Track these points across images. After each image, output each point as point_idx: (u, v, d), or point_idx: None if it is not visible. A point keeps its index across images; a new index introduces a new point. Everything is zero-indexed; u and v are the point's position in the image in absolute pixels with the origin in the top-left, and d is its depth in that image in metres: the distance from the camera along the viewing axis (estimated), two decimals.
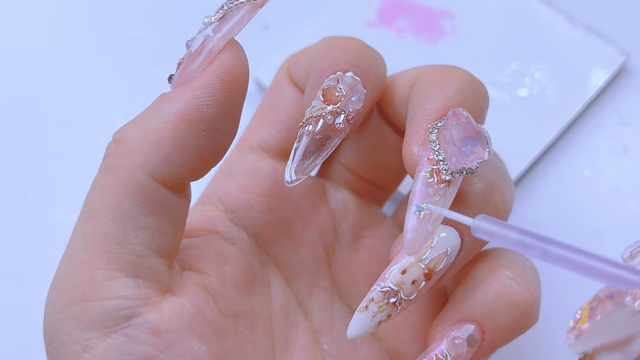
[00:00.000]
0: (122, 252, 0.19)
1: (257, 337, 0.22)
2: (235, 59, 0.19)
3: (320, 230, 0.25)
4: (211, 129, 0.19)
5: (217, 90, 0.19)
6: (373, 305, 0.20)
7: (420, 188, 0.20)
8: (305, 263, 0.25)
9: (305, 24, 0.36)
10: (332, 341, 0.24)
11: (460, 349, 0.21)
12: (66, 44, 0.37)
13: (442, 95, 0.21)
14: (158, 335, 0.19)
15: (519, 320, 0.21)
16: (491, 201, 0.21)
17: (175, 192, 0.20)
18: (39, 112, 0.36)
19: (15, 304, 0.32)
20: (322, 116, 0.21)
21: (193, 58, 0.19)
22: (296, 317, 0.24)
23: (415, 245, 0.20)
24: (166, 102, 0.19)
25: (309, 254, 0.25)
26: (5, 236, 0.33)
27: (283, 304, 0.24)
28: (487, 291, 0.21)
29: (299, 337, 0.24)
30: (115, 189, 0.19)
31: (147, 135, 0.19)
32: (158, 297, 0.19)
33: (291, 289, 0.24)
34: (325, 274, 0.25)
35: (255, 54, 0.37)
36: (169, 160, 0.19)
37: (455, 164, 0.19)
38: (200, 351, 0.20)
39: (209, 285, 0.21)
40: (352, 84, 0.21)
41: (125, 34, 0.37)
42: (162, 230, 0.20)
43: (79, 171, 0.20)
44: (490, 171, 0.22)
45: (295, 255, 0.24)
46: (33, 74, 0.36)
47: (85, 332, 0.18)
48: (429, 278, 0.20)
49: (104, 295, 0.18)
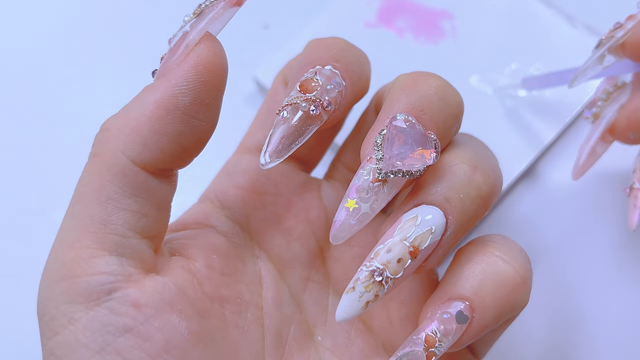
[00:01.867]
0: (106, 232, 0.20)
1: (245, 324, 0.23)
2: (210, 51, 0.20)
3: (312, 226, 0.26)
4: (187, 117, 0.20)
5: (192, 79, 0.20)
6: (360, 286, 0.21)
7: (355, 184, 0.21)
8: (299, 257, 0.25)
9: (305, 24, 0.36)
10: (326, 333, 0.25)
11: (449, 324, 0.21)
12: (70, 44, 0.37)
13: (406, 100, 0.22)
14: (138, 308, 0.20)
15: (507, 298, 0.22)
16: (473, 181, 0.21)
17: (157, 177, 0.21)
18: (39, 113, 0.36)
19: (15, 304, 0.32)
20: (298, 104, 0.21)
21: (172, 52, 0.21)
22: (290, 309, 0.25)
23: (340, 236, 0.21)
24: (146, 92, 0.21)
25: (302, 249, 0.25)
26: (5, 236, 0.33)
27: (276, 295, 0.24)
28: (475, 269, 0.22)
29: (292, 329, 0.24)
30: (99, 173, 0.20)
31: (127, 123, 0.20)
32: (140, 274, 0.21)
33: (285, 282, 0.25)
34: (319, 268, 0.26)
35: (255, 54, 0.37)
36: (148, 146, 0.20)
37: (390, 165, 0.20)
38: (180, 326, 0.20)
39: (194, 269, 0.22)
40: (330, 75, 0.22)
41: (129, 35, 0.37)
42: (144, 212, 0.21)
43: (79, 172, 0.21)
44: (473, 154, 0.23)
45: (289, 249, 0.25)
46: (33, 74, 0.36)
47: (71, 306, 0.20)
48: (415, 256, 0.21)
49: (88, 272, 0.20)
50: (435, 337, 0.21)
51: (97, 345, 0.19)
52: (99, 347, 0.19)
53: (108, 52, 0.37)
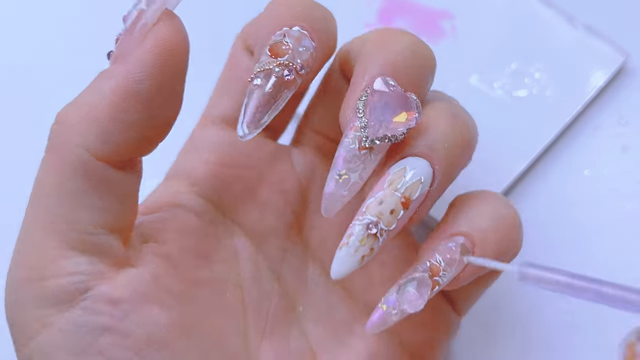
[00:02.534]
0: (72, 231, 0.19)
1: (225, 304, 0.23)
2: (170, 31, 0.19)
3: (287, 197, 0.25)
4: (148, 103, 0.19)
5: (151, 63, 0.19)
6: (354, 240, 0.20)
7: (341, 154, 0.20)
8: (275, 229, 0.25)
9: None
10: (307, 304, 0.25)
11: (453, 254, 0.21)
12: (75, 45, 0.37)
13: (381, 59, 0.21)
14: (114, 304, 0.19)
15: (507, 237, 0.22)
16: (456, 128, 0.21)
17: (120, 169, 0.20)
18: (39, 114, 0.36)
19: None
20: (270, 69, 0.21)
21: (128, 33, 0.19)
22: (269, 283, 0.24)
23: (332, 208, 0.21)
24: (102, 79, 0.19)
25: (278, 220, 0.25)
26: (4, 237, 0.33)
27: (253, 271, 0.24)
28: (476, 208, 0.22)
29: (273, 302, 0.24)
30: (58, 169, 0.19)
31: (84, 113, 0.19)
32: (112, 270, 0.20)
33: (262, 256, 0.24)
34: (296, 238, 0.25)
35: None
36: (108, 137, 0.19)
37: (375, 131, 0.20)
38: (160, 318, 0.20)
39: (167, 254, 0.22)
40: (299, 37, 0.21)
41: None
42: (110, 207, 0.20)
43: None
44: (450, 105, 0.23)
45: (264, 222, 0.25)
46: (33, 74, 0.36)
47: (43, 310, 0.19)
48: (407, 207, 0.20)
49: (57, 273, 0.19)
50: (440, 266, 0.21)
51: (76, 348, 0.19)
52: (79, 349, 0.19)
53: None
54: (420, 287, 0.21)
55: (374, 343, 0.25)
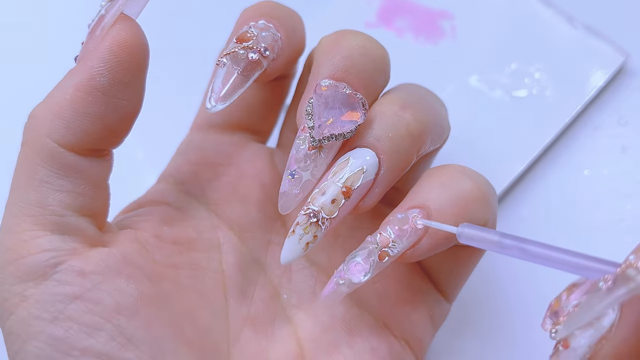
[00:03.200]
0: (45, 214, 0.21)
1: (202, 287, 0.24)
2: (124, 31, 0.21)
3: (268, 191, 0.26)
4: (107, 97, 0.21)
5: (108, 60, 0.21)
6: (299, 229, 0.22)
7: (293, 154, 0.22)
8: (258, 222, 0.26)
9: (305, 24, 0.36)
10: (291, 291, 0.26)
11: (402, 223, 0.22)
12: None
13: (330, 63, 0.22)
14: (83, 276, 0.21)
15: (465, 209, 0.22)
16: (402, 119, 0.22)
17: (88, 157, 0.22)
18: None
19: None
20: (235, 52, 0.22)
21: (90, 36, 0.21)
22: (254, 272, 0.26)
23: (287, 206, 0.22)
24: (67, 77, 0.22)
25: (260, 213, 0.26)
26: None
27: (237, 260, 0.25)
28: (435, 181, 0.22)
29: (257, 290, 0.25)
30: (29, 159, 0.21)
31: (50, 108, 0.21)
32: (85, 248, 0.21)
33: (246, 247, 0.26)
34: (280, 230, 0.27)
35: None
36: (71, 129, 0.21)
37: (320, 132, 0.21)
38: (129, 288, 0.21)
39: (142, 239, 0.23)
40: (264, 27, 0.23)
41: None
42: (80, 191, 0.22)
43: None
44: (403, 95, 0.23)
45: (247, 215, 0.26)
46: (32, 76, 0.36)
47: (21, 285, 0.21)
48: (348, 196, 0.22)
49: (32, 251, 0.21)
50: (390, 237, 0.22)
51: (49, 315, 0.20)
52: (52, 316, 0.20)
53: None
54: (367, 258, 0.22)
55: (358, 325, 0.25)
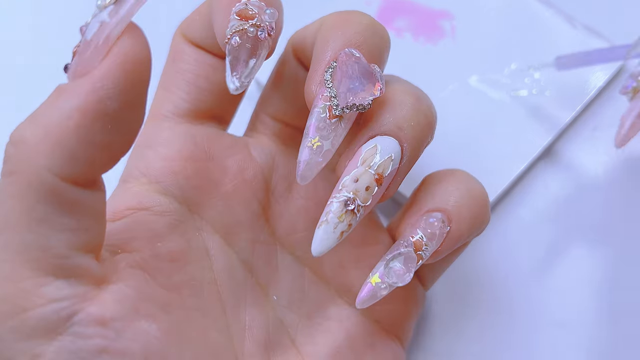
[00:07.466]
0: (47, 257, 0.18)
1: (204, 304, 0.23)
2: (136, 45, 0.18)
3: (251, 187, 0.25)
4: (116, 121, 0.18)
5: (120, 80, 0.18)
6: (333, 217, 0.21)
7: (313, 123, 0.21)
8: (242, 221, 0.25)
9: (304, 24, 0.36)
10: (280, 291, 0.25)
11: (434, 228, 0.23)
12: None
13: (342, 36, 0.22)
14: (105, 324, 0.19)
15: (479, 212, 0.24)
16: (420, 109, 0.22)
17: (87, 188, 0.19)
18: None
19: None
20: (245, 29, 0.21)
21: (90, 46, 0.18)
22: (241, 275, 0.24)
23: (309, 175, 0.21)
24: (66, 96, 0.18)
25: (244, 211, 0.25)
26: None
27: (225, 265, 0.24)
28: (450, 185, 0.24)
29: (248, 294, 0.24)
30: (23, 195, 0.18)
31: (48, 134, 0.18)
32: (95, 290, 0.19)
33: (232, 249, 0.24)
34: (264, 228, 0.25)
35: None
36: (76, 158, 0.18)
37: (344, 100, 0.21)
38: (151, 329, 0.20)
39: (142, 263, 0.21)
40: (260, 5, 0.22)
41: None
42: (83, 228, 0.19)
43: None
44: (411, 86, 0.23)
45: (230, 214, 0.24)
46: (32, 76, 0.36)
47: (29, 342, 0.18)
48: (380, 183, 0.21)
49: (38, 302, 0.18)
50: (422, 241, 0.23)
51: None
52: None
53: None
54: (407, 262, 0.22)
55: (350, 324, 0.25)
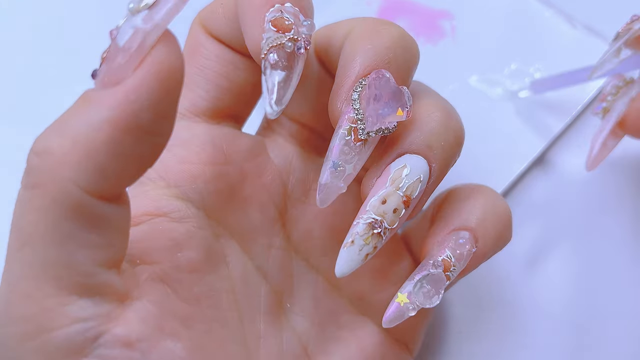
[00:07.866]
0: (71, 275, 0.17)
1: (222, 315, 0.22)
2: (172, 55, 0.17)
3: (268, 191, 0.24)
4: (149, 135, 0.17)
5: (154, 91, 0.17)
6: (358, 239, 0.21)
7: (337, 145, 0.20)
8: (259, 226, 0.24)
9: None
10: (294, 299, 0.24)
11: (463, 248, 0.22)
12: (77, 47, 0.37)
13: (372, 50, 0.21)
14: (131, 346, 0.18)
15: (503, 230, 0.23)
16: (450, 127, 0.22)
17: (113, 202, 0.18)
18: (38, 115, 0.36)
19: None
20: (282, 44, 0.20)
21: (122, 53, 0.17)
22: (256, 282, 0.23)
23: (328, 199, 0.21)
24: (96, 105, 0.17)
25: (261, 216, 0.24)
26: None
27: (242, 272, 0.23)
28: (476, 203, 0.23)
29: (262, 301, 0.23)
30: (48, 209, 0.17)
31: (76, 145, 0.17)
32: (119, 308, 0.18)
33: (248, 255, 0.24)
34: (280, 233, 0.24)
35: None
36: (104, 172, 0.17)
37: (372, 125, 0.20)
38: (176, 348, 0.19)
39: (163, 275, 0.21)
40: (295, 13, 0.21)
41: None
42: (108, 244, 0.18)
43: None
44: (440, 101, 0.23)
45: (248, 220, 0.24)
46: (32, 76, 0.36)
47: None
48: (408, 205, 0.21)
49: (62, 322, 0.17)
50: (450, 261, 0.22)
51: None
52: None
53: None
54: (436, 284, 0.22)
55: (363, 334, 0.25)
